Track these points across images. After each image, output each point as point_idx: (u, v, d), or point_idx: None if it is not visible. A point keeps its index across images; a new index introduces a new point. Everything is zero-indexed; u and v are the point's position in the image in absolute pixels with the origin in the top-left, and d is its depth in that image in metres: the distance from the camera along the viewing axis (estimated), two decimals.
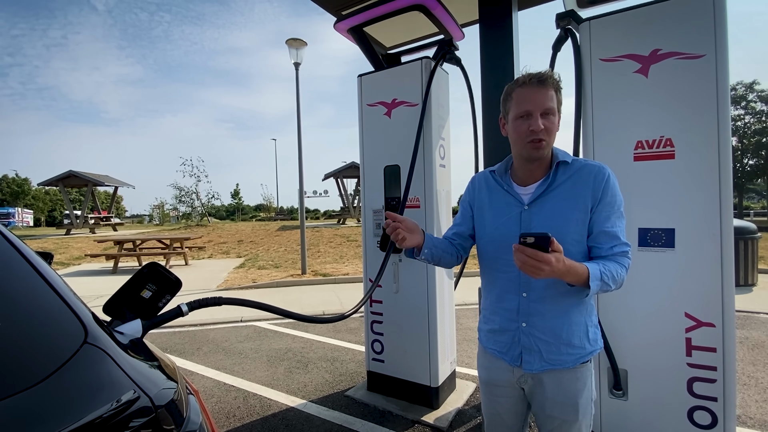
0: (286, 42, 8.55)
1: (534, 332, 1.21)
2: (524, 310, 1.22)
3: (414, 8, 2.59)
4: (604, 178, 1.17)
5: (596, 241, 1.18)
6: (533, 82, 1.15)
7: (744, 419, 2.64)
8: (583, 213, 1.17)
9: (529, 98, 1.16)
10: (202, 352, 4.19)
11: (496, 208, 1.30)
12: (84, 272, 9.43)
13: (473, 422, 2.63)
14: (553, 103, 1.16)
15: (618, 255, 1.16)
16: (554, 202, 1.20)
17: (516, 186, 1.28)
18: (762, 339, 4.10)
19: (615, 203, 1.17)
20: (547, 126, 1.15)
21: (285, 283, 7.74)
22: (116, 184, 21.16)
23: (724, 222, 1.80)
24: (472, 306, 5.57)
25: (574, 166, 1.21)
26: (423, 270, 2.75)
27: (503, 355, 1.28)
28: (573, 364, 1.20)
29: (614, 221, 1.17)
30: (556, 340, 1.19)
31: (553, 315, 1.19)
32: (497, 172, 1.34)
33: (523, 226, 1.22)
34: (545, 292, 1.19)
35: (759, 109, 23.01)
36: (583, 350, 1.21)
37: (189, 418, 0.78)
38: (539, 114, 1.15)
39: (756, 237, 6.37)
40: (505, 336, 1.27)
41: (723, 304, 1.81)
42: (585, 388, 1.22)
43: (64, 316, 0.72)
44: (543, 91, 1.15)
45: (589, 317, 1.24)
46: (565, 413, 1.21)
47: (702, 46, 1.83)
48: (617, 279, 1.13)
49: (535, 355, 1.21)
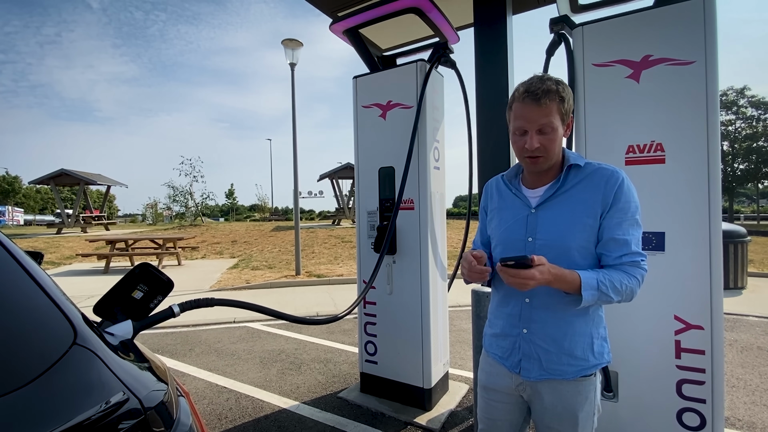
0: (282, 42, 8.54)
1: (534, 339, 1.18)
2: (526, 315, 1.20)
3: (409, 11, 2.60)
4: (617, 183, 1.12)
5: (605, 249, 1.13)
6: (528, 98, 1.11)
7: (732, 421, 2.67)
8: (593, 218, 1.13)
9: (524, 115, 1.13)
10: (194, 353, 4.16)
11: (504, 211, 1.29)
12: (75, 272, 9.32)
13: (465, 424, 2.64)
14: (551, 118, 1.11)
15: (627, 264, 1.11)
16: (562, 206, 1.17)
17: (525, 189, 1.26)
18: (750, 341, 4.15)
19: (629, 210, 1.12)
20: (543, 143, 1.12)
21: (279, 284, 7.71)
22: (109, 183, 20.95)
23: (712, 226, 1.83)
24: (465, 308, 5.58)
25: (586, 170, 1.18)
26: (417, 272, 2.76)
27: (504, 360, 1.26)
28: (573, 376, 1.16)
29: (626, 228, 1.12)
30: (557, 350, 1.16)
31: (556, 323, 1.16)
32: (507, 175, 1.33)
33: (529, 230, 1.20)
34: (548, 300, 1.16)
35: (749, 114, 23.36)
36: (585, 362, 1.16)
37: (179, 420, 0.77)
38: (534, 131, 1.12)
39: (746, 240, 6.46)
40: (507, 341, 1.25)
41: (712, 306, 1.83)
42: (586, 401, 1.18)
43: (53, 317, 0.72)
44: (538, 109, 1.10)
45: (596, 329, 1.19)
46: (563, 425, 1.18)
47: (692, 53, 1.86)
48: (621, 290, 1.08)
49: (534, 363, 1.18)
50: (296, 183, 8.87)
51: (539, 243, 1.17)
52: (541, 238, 1.18)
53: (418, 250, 2.76)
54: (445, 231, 3.04)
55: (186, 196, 24.02)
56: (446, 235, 3.09)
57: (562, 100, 1.12)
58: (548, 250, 1.14)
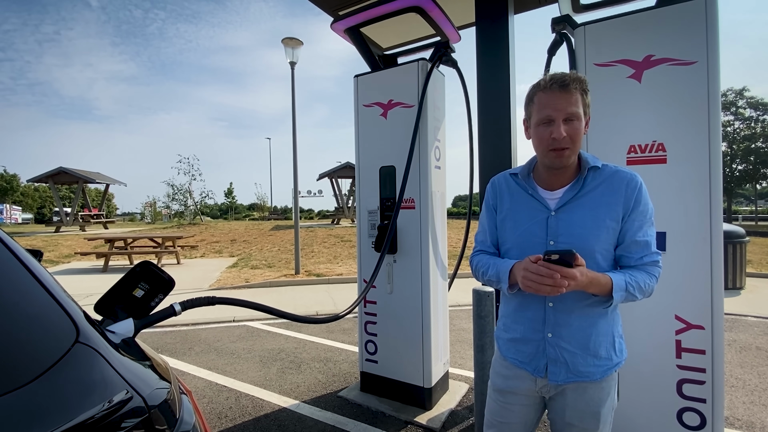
0: (282, 41, 8.52)
1: (560, 343, 1.17)
2: (550, 320, 1.18)
3: (411, 10, 2.59)
4: (637, 187, 1.14)
5: (627, 251, 1.15)
6: (555, 86, 1.09)
7: (732, 420, 2.68)
8: (615, 221, 1.13)
9: (550, 103, 1.10)
10: (194, 352, 4.15)
11: (519, 212, 1.25)
12: (74, 270, 9.30)
13: (466, 423, 2.64)
14: (578, 108, 1.09)
15: (648, 265, 1.14)
16: (584, 208, 1.15)
17: (541, 190, 1.23)
18: (749, 341, 4.16)
19: (647, 212, 1.15)
20: (570, 133, 1.09)
21: (278, 283, 7.71)
22: (107, 182, 20.91)
23: (714, 226, 1.83)
24: (465, 307, 5.59)
25: (605, 172, 1.17)
26: (417, 271, 2.76)
27: (525, 365, 1.23)
28: (601, 377, 1.17)
29: (646, 230, 1.14)
30: (583, 352, 1.15)
31: (581, 326, 1.15)
32: (520, 175, 1.27)
33: (550, 233, 1.17)
34: (573, 303, 1.15)
35: (748, 116, 23.38)
36: (609, 362, 1.18)
37: (182, 419, 0.77)
38: (561, 120, 1.09)
39: (744, 241, 6.47)
40: (529, 346, 1.22)
41: (712, 306, 1.84)
42: (608, 397, 1.19)
43: (55, 315, 0.71)
44: (566, 96, 1.09)
45: (616, 328, 1.20)
46: (585, 422, 1.18)
47: (694, 53, 1.85)
48: (645, 289, 1.11)
49: (562, 367, 1.17)
50: (296, 182, 8.86)
51: (562, 246, 1.16)
52: (564, 240, 1.16)
53: (419, 250, 2.76)
54: (445, 230, 3.04)
55: (185, 194, 24.01)
56: (447, 235, 3.09)
57: (585, 92, 1.12)
58: None
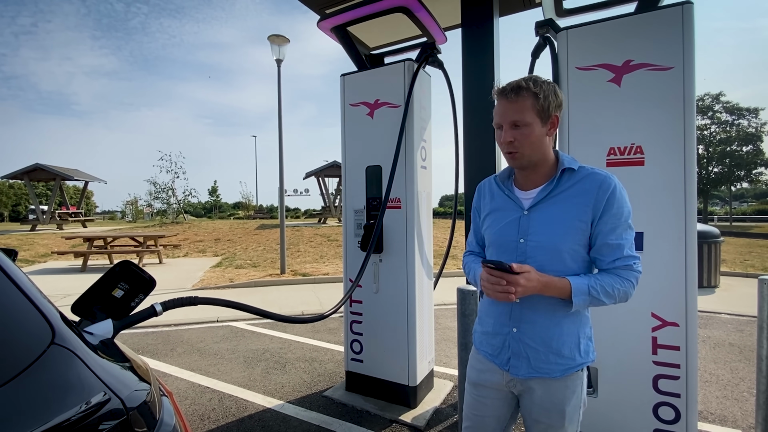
0: (268, 38, 8.44)
1: (524, 338, 1.20)
2: (516, 315, 1.22)
3: (397, 10, 2.60)
4: (610, 189, 1.14)
5: (599, 253, 1.16)
6: (503, 95, 1.17)
7: (705, 414, 2.78)
8: (584, 222, 1.15)
9: (499, 110, 1.19)
10: (177, 353, 4.08)
11: (497, 212, 1.30)
12: (50, 270, 9.02)
13: (450, 421, 2.67)
14: (523, 114, 1.14)
15: (620, 269, 1.14)
16: (555, 208, 1.18)
17: (517, 190, 1.28)
18: (723, 338, 4.32)
19: (622, 215, 1.15)
20: (516, 137, 1.15)
21: (263, 283, 7.63)
22: (86, 179, 20.36)
23: (688, 226, 1.89)
24: (450, 306, 5.64)
25: (579, 174, 1.19)
26: (403, 270, 2.77)
27: (494, 358, 1.28)
28: (561, 374, 1.19)
29: (620, 233, 1.14)
30: (545, 349, 1.18)
31: (545, 324, 1.18)
32: (499, 177, 1.34)
33: (521, 231, 1.21)
34: (538, 300, 1.18)
35: (724, 120, 24.17)
36: (572, 361, 1.19)
37: (162, 420, 0.76)
38: (508, 126, 1.16)
39: (719, 241, 6.70)
40: (497, 339, 1.27)
41: (686, 304, 1.90)
42: (573, 395, 1.21)
43: (30, 316, 0.70)
44: (511, 105, 1.15)
45: (583, 329, 1.22)
46: (551, 419, 1.21)
47: (671, 59, 1.91)
48: (612, 293, 1.12)
49: (523, 361, 1.21)
50: (282, 180, 8.79)
51: (531, 244, 1.19)
52: (533, 239, 1.19)
53: (405, 249, 2.77)
54: (431, 230, 3.06)
55: (168, 192, 23.54)
56: (432, 234, 3.11)
57: (536, 96, 1.13)
58: (540, 252, 1.17)
